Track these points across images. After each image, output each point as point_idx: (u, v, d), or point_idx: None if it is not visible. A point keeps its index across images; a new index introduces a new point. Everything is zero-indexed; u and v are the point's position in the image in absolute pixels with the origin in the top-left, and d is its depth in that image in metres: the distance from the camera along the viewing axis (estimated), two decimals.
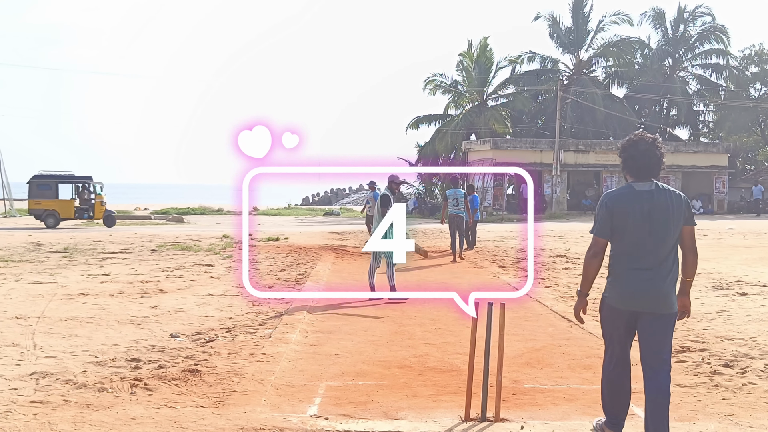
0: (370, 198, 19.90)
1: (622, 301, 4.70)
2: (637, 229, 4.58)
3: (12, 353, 7.02)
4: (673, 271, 4.63)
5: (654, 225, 4.56)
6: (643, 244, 4.59)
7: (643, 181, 4.67)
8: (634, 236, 4.60)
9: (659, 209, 4.58)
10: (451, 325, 8.89)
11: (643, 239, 4.58)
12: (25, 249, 17.83)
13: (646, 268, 4.58)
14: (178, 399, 5.64)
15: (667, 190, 4.67)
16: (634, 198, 4.62)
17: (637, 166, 4.68)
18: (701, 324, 8.66)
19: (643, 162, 4.66)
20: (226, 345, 7.60)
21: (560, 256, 16.68)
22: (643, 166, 4.67)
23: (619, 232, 4.65)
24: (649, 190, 4.63)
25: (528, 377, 6.48)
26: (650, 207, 4.57)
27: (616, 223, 4.63)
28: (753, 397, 5.73)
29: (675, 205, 4.62)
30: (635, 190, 4.65)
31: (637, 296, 4.62)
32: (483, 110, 46.24)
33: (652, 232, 4.56)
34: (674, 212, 4.60)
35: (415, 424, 5.13)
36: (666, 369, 4.73)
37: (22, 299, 10.30)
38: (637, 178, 4.69)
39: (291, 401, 5.70)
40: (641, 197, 4.61)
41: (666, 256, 4.59)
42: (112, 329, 8.31)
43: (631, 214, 4.58)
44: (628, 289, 4.65)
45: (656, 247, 4.58)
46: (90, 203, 29.96)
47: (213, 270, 14.07)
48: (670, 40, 48.81)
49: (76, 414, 5.15)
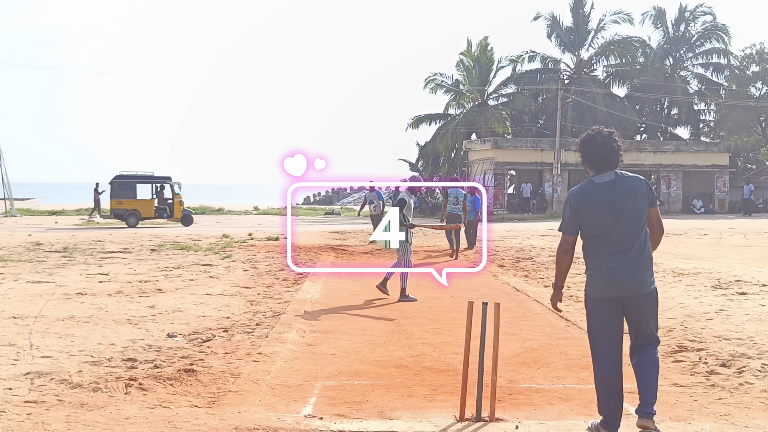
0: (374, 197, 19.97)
1: (604, 290, 4.82)
2: (605, 220, 4.75)
3: (8, 353, 7.01)
4: (646, 252, 4.80)
5: (619, 213, 4.73)
6: (612, 233, 4.75)
7: (602, 173, 4.84)
8: (602, 227, 4.77)
9: (622, 197, 4.75)
10: (449, 325, 8.88)
11: (611, 228, 4.75)
12: (24, 248, 17.82)
13: (619, 253, 4.75)
14: (173, 399, 5.63)
15: (627, 176, 4.84)
16: (595, 191, 4.82)
17: (596, 159, 4.86)
18: (699, 323, 8.64)
19: (601, 155, 4.83)
20: (222, 345, 7.59)
21: None
22: (601, 158, 4.84)
23: (587, 226, 4.84)
24: (609, 180, 4.81)
25: (524, 377, 6.47)
26: (612, 196, 4.75)
27: (583, 219, 4.83)
28: (749, 397, 5.71)
29: (638, 190, 4.78)
30: (595, 183, 4.85)
31: (618, 281, 4.77)
32: (484, 110, 46.24)
33: (619, 219, 4.73)
34: (638, 197, 4.77)
35: (410, 423, 5.11)
36: (655, 344, 4.92)
37: (20, 299, 10.29)
38: (597, 171, 4.87)
39: (286, 401, 5.69)
40: (603, 189, 4.80)
41: (636, 239, 4.76)
42: (109, 329, 8.30)
43: (596, 206, 4.78)
44: (608, 276, 4.79)
45: (626, 233, 4.74)
46: (169, 203, 30.68)
47: (212, 270, 14.06)
48: (671, 39, 48.77)
49: (69, 414, 5.14)
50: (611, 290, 4.80)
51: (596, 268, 4.85)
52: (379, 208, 20.08)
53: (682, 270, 13.75)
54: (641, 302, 4.80)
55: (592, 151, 4.88)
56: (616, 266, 4.75)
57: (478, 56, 46.85)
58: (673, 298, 10.57)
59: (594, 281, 4.88)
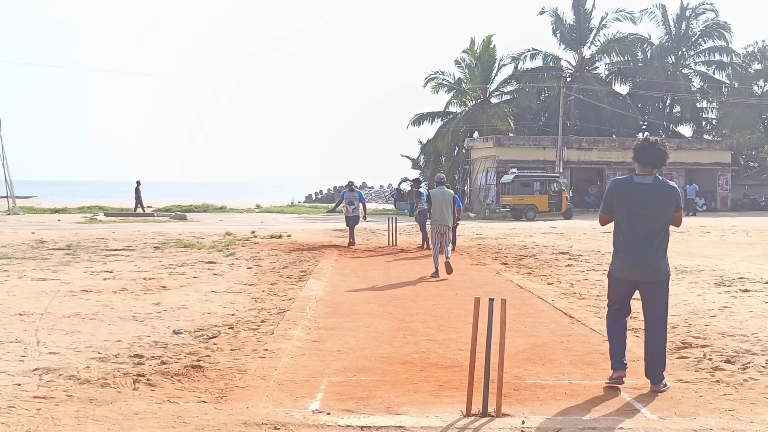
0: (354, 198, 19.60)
1: (623, 272, 5.80)
2: (632, 214, 5.66)
3: (15, 349, 7.05)
4: (663, 246, 5.68)
5: (646, 211, 5.62)
6: (636, 226, 5.65)
7: (645, 173, 5.73)
8: (629, 219, 5.68)
9: (652, 199, 5.62)
10: (453, 322, 8.91)
11: (636, 222, 5.65)
12: (28, 246, 17.87)
13: (639, 243, 5.65)
14: (181, 394, 5.66)
15: (663, 183, 5.69)
16: (632, 188, 5.71)
17: (645, 158, 5.73)
18: (703, 320, 8.67)
19: (650, 156, 5.72)
20: (228, 341, 7.62)
21: (563, 254, 16.69)
22: (646, 160, 5.73)
23: (617, 215, 5.76)
24: (647, 183, 5.68)
25: (529, 373, 6.49)
26: (644, 197, 5.63)
27: (615, 206, 5.77)
28: (754, 393, 5.74)
29: (667, 197, 5.66)
30: (635, 182, 5.73)
31: (634, 268, 5.72)
32: (486, 107, 46.24)
33: (644, 216, 5.62)
34: (665, 202, 5.65)
35: (417, 419, 5.14)
36: (663, 323, 5.82)
37: (26, 296, 10.34)
38: (643, 168, 5.75)
39: (293, 397, 5.72)
40: (639, 188, 5.68)
41: (656, 234, 5.65)
42: (115, 326, 8.33)
43: (628, 201, 5.67)
44: (627, 262, 5.74)
45: (647, 229, 5.63)
46: (558, 198, 34.71)
47: (216, 267, 14.09)
48: (673, 37, 48.74)
49: (79, 409, 5.17)
50: (629, 274, 5.76)
51: (619, 252, 5.79)
52: (358, 209, 19.83)
53: (686, 267, 13.77)
54: (654, 288, 5.72)
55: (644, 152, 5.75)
56: (635, 254, 5.66)
57: (481, 54, 46.84)
58: (677, 296, 10.59)
59: (616, 263, 5.84)
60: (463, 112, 47.00)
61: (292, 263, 15.00)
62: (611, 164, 41.39)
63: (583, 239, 20.80)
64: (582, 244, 19.26)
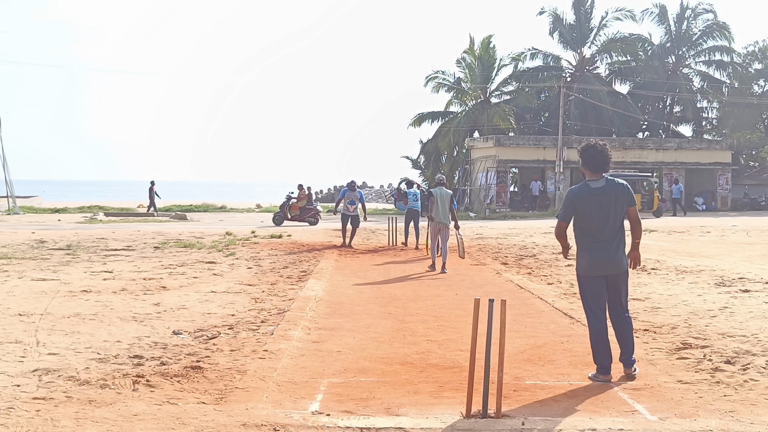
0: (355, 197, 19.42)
1: (592, 270, 6.25)
2: (594, 217, 6.16)
3: (15, 350, 7.05)
4: (621, 241, 6.25)
5: (606, 213, 6.14)
6: (598, 227, 6.17)
7: (596, 176, 6.22)
8: (591, 222, 6.18)
9: (608, 201, 6.14)
10: (453, 322, 8.91)
11: (599, 223, 6.16)
12: (28, 246, 17.87)
13: (602, 241, 6.18)
14: (180, 395, 5.65)
15: (614, 183, 6.21)
16: (590, 194, 6.19)
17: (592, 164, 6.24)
18: (703, 321, 8.67)
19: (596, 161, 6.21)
20: (228, 342, 7.62)
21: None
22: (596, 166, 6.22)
23: (580, 219, 6.23)
24: (601, 187, 6.18)
25: (529, 374, 6.49)
26: (601, 200, 6.14)
27: (577, 213, 6.24)
28: (754, 394, 5.73)
29: (621, 195, 6.18)
30: (590, 187, 6.21)
31: (602, 264, 6.20)
32: (486, 107, 46.22)
33: (605, 218, 6.14)
34: (620, 200, 6.17)
35: (417, 420, 5.13)
36: (626, 309, 6.39)
37: (25, 296, 10.33)
38: (593, 174, 6.24)
39: (293, 398, 5.71)
40: (595, 193, 6.18)
41: (616, 232, 6.20)
42: (114, 326, 8.33)
43: (589, 206, 6.16)
44: (592, 259, 6.23)
45: (608, 228, 6.17)
46: (650, 196, 35.86)
47: (216, 267, 14.09)
48: (673, 36, 48.72)
49: (78, 410, 5.17)
50: (595, 271, 6.23)
51: (584, 250, 6.28)
52: (358, 209, 19.64)
53: (686, 267, 13.77)
54: (617, 279, 6.24)
55: (591, 157, 6.24)
56: (599, 251, 6.19)
57: (481, 54, 46.82)
58: (677, 296, 10.59)
59: (582, 261, 6.31)
60: (464, 112, 46.97)
61: (292, 263, 15.00)
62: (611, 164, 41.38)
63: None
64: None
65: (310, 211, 28.50)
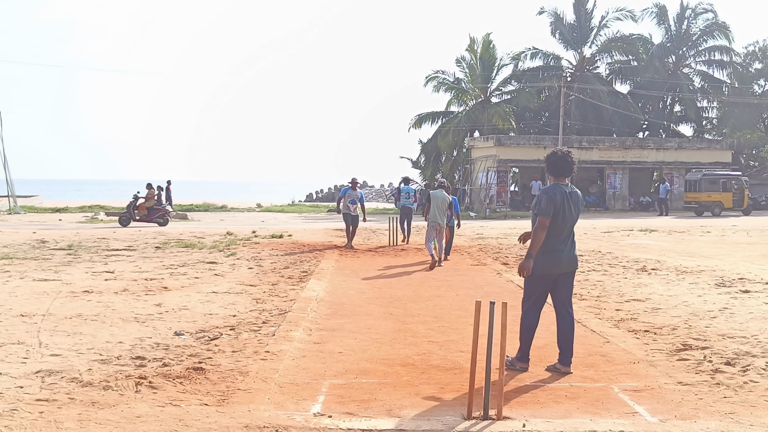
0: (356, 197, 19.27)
1: (552, 268, 6.57)
2: (562, 217, 6.51)
3: (17, 351, 7.07)
4: (574, 243, 6.72)
5: (570, 214, 6.57)
6: (563, 227, 6.54)
7: (563, 181, 6.62)
8: (558, 223, 6.51)
9: (573, 204, 6.60)
10: (454, 323, 8.93)
11: (562, 223, 6.53)
12: (29, 246, 17.89)
13: (563, 243, 6.58)
14: (183, 397, 5.68)
15: (574, 191, 6.70)
16: (563, 196, 6.54)
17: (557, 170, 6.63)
18: (703, 322, 8.69)
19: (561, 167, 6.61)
20: (230, 343, 7.64)
21: None
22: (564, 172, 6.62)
23: (554, 218, 6.49)
24: (569, 191, 6.62)
25: (530, 375, 6.51)
26: (569, 203, 6.57)
27: (555, 210, 6.48)
28: (754, 396, 5.75)
29: (579, 202, 6.71)
30: (562, 189, 6.57)
31: (564, 262, 6.59)
32: (486, 107, 46.20)
33: (570, 219, 6.57)
34: (579, 205, 6.68)
35: (418, 422, 5.16)
36: (570, 306, 6.76)
37: (27, 297, 10.36)
38: (558, 179, 6.63)
39: (295, 399, 5.74)
40: (566, 195, 6.56)
41: (572, 233, 6.69)
42: (116, 327, 8.35)
43: (562, 206, 6.51)
44: (557, 258, 6.55)
45: (570, 228, 6.62)
46: (740, 195, 36.36)
47: (217, 267, 14.11)
48: (673, 36, 48.70)
49: (81, 412, 5.19)
50: (554, 269, 6.57)
51: (550, 251, 6.53)
52: (358, 209, 19.42)
53: (686, 268, 13.79)
54: (569, 278, 6.69)
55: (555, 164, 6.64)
56: (562, 252, 6.56)
57: (481, 53, 46.80)
58: (677, 296, 10.61)
59: (542, 260, 6.52)
60: (464, 112, 46.95)
61: (293, 263, 15.02)
62: (612, 164, 41.39)
63: (584, 239, 20.81)
64: (582, 244, 19.27)
65: (158, 211, 27.92)
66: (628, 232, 23.70)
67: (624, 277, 12.83)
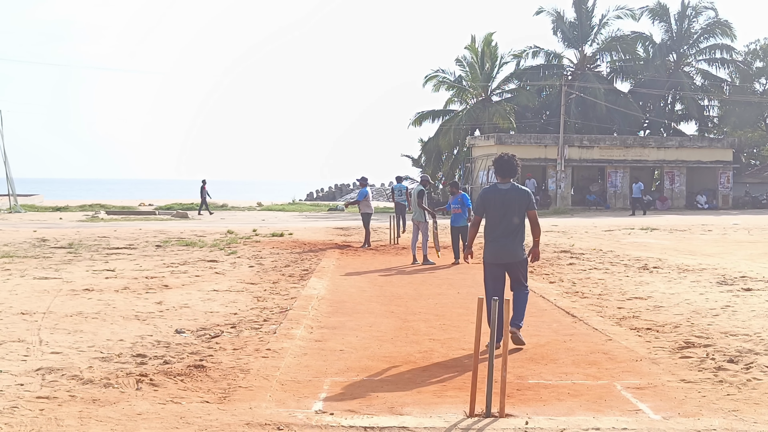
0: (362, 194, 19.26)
1: (492, 258, 7.43)
2: (496, 213, 7.37)
3: (18, 349, 7.06)
4: (519, 237, 7.38)
5: (506, 210, 7.31)
6: (499, 222, 7.34)
7: (504, 180, 7.42)
8: (494, 217, 7.38)
9: (510, 201, 7.31)
10: (456, 321, 8.91)
11: (499, 219, 7.34)
12: (30, 245, 17.88)
13: (502, 237, 7.35)
14: (184, 395, 5.66)
15: (517, 188, 7.39)
16: (497, 193, 7.40)
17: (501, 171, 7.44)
18: (706, 320, 8.66)
19: (505, 169, 7.41)
20: (231, 341, 7.63)
21: (564, 252, 16.68)
22: (504, 172, 7.42)
23: (487, 214, 7.45)
24: (506, 189, 7.38)
25: (532, 373, 6.49)
26: (504, 199, 7.33)
27: (485, 208, 7.45)
28: (757, 393, 5.73)
29: (521, 198, 7.33)
30: (498, 188, 7.43)
31: (499, 254, 7.39)
32: (487, 106, 46.14)
33: (505, 214, 7.32)
34: (520, 203, 7.32)
35: (420, 419, 5.13)
36: (524, 288, 7.60)
37: (28, 295, 10.34)
38: (502, 179, 7.44)
39: (296, 397, 5.72)
40: (501, 192, 7.38)
41: (515, 229, 7.33)
42: (117, 325, 8.34)
43: (493, 203, 7.37)
44: (496, 249, 7.40)
45: (507, 224, 7.32)
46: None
47: (218, 266, 14.10)
48: (675, 34, 48.65)
49: (82, 409, 5.17)
50: (496, 259, 7.40)
51: (488, 243, 7.46)
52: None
53: (687, 266, 13.76)
54: (516, 266, 7.45)
55: (500, 166, 7.43)
56: (501, 244, 7.35)
57: (482, 52, 46.74)
58: (679, 294, 10.59)
59: (487, 251, 7.46)
60: (465, 110, 46.90)
61: (294, 262, 15.00)
62: (613, 162, 41.35)
63: (585, 237, 20.78)
64: (583, 242, 19.25)
65: None
66: (629, 230, 23.67)
67: (626, 275, 12.81)
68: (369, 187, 20.36)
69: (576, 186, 43.68)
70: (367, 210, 19.12)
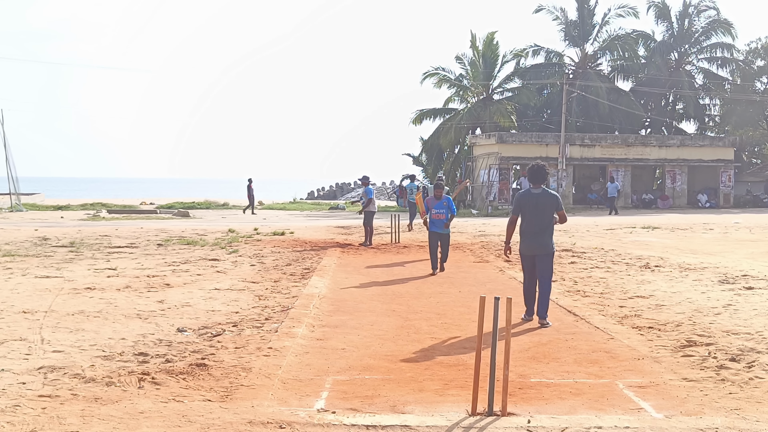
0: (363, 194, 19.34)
1: (527, 250, 8.88)
2: (530, 213, 8.77)
3: (20, 347, 7.06)
4: (549, 232, 8.79)
5: (538, 211, 8.73)
6: (533, 220, 8.75)
7: (536, 186, 8.80)
8: (528, 217, 8.77)
9: (542, 203, 8.72)
10: (457, 320, 8.91)
11: (532, 217, 8.75)
12: (31, 243, 17.89)
13: (534, 233, 8.75)
14: (186, 393, 5.66)
15: (547, 192, 8.80)
16: (531, 197, 8.77)
17: (534, 178, 8.82)
18: (707, 318, 8.66)
19: (537, 176, 8.81)
20: (233, 339, 7.63)
21: (566, 251, 16.67)
22: (536, 179, 8.81)
23: (523, 214, 8.81)
24: (538, 193, 8.77)
25: (534, 371, 6.49)
26: (536, 202, 8.73)
27: (521, 209, 8.80)
28: (760, 392, 5.73)
29: (551, 201, 8.74)
30: (531, 192, 8.80)
31: (531, 247, 8.81)
32: (488, 104, 46.10)
33: (536, 214, 8.74)
34: (549, 205, 8.73)
35: (422, 418, 5.13)
36: (549, 279, 8.84)
37: (29, 294, 10.34)
38: (534, 184, 8.82)
39: (298, 395, 5.72)
40: (533, 197, 8.76)
41: (546, 226, 8.75)
42: (119, 323, 8.34)
43: (528, 205, 8.76)
44: (529, 243, 8.83)
45: (539, 222, 8.75)
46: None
47: (219, 264, 14.10)
48: (676, 33, 48.61)
49: (84, 408, 5.17)
50: (529, 251, 8.84)
51: (524, 238, 8.85)
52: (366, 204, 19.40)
53: (689, 265, 13.75)
54: (545, 258, 8.77)
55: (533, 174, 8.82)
56: (532, 238, 8.76)
57: (483, 50, 46.70)
58: (680, 293, 10.58)
59: (522, 245, 8.91)
60: (465, 109, 46.84)
61: (295, 261, 15.00)
62: (614, 161, 41.31)
63: (586, 236, 20.77)
64: (585, 241, 19.24)
65: None
66: (631, 229, 23.65)
67: (627, 274, 12.81)
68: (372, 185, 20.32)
69: (577, 184, 43.66)
70: (371, 209, 19.13)
